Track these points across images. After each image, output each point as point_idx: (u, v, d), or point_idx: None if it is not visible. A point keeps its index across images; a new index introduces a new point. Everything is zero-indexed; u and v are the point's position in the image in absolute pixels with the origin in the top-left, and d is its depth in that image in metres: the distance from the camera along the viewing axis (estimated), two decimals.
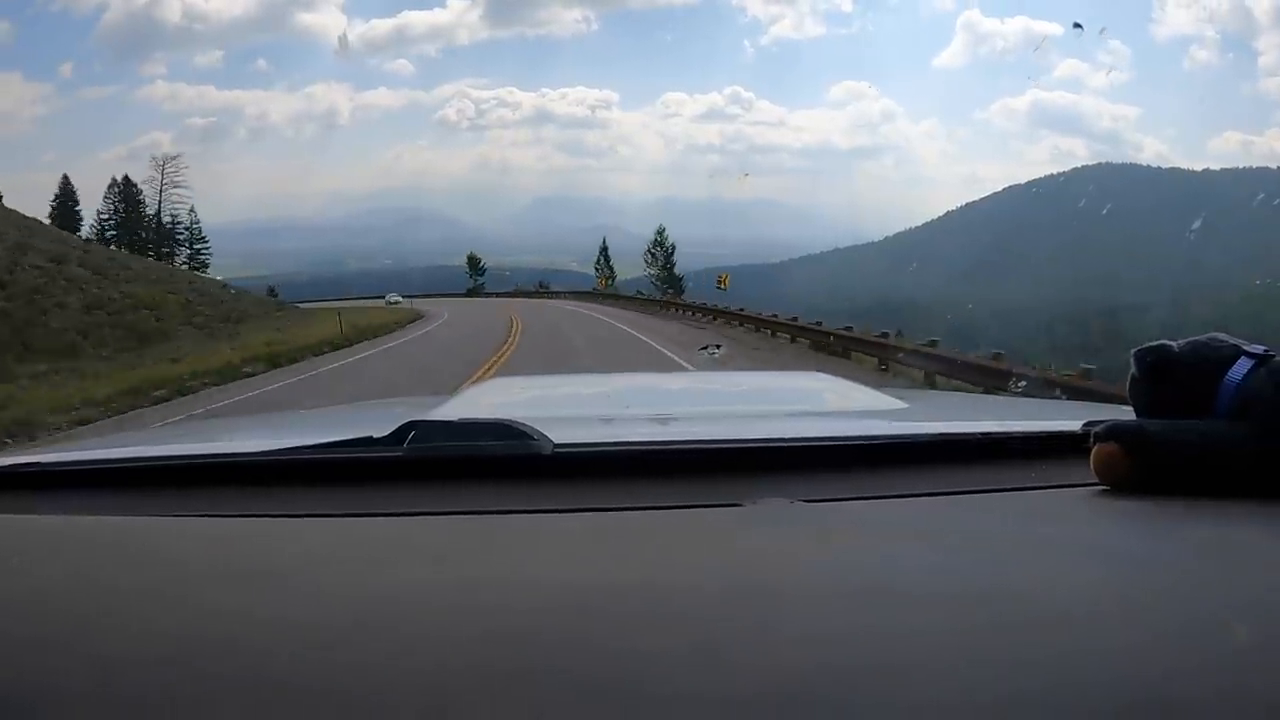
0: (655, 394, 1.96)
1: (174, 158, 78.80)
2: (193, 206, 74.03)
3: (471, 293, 76.38)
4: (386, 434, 0.96)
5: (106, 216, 66.22)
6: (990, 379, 10.14)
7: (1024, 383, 9.92)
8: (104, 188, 67.71)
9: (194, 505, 0.89)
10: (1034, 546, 0.71)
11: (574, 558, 0.68)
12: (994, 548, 0.71)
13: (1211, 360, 0.83)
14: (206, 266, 67.87)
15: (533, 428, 0.95)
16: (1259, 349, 0.83)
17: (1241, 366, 0.82)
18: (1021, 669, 0.46)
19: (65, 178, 70.24)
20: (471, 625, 0.53)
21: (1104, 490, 0.83)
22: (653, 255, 54.95)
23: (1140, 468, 0.81)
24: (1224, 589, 0.59)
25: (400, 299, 43.96)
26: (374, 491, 0.92)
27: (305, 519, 0.83)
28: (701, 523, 0.79)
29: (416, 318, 36.60)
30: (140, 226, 66.57)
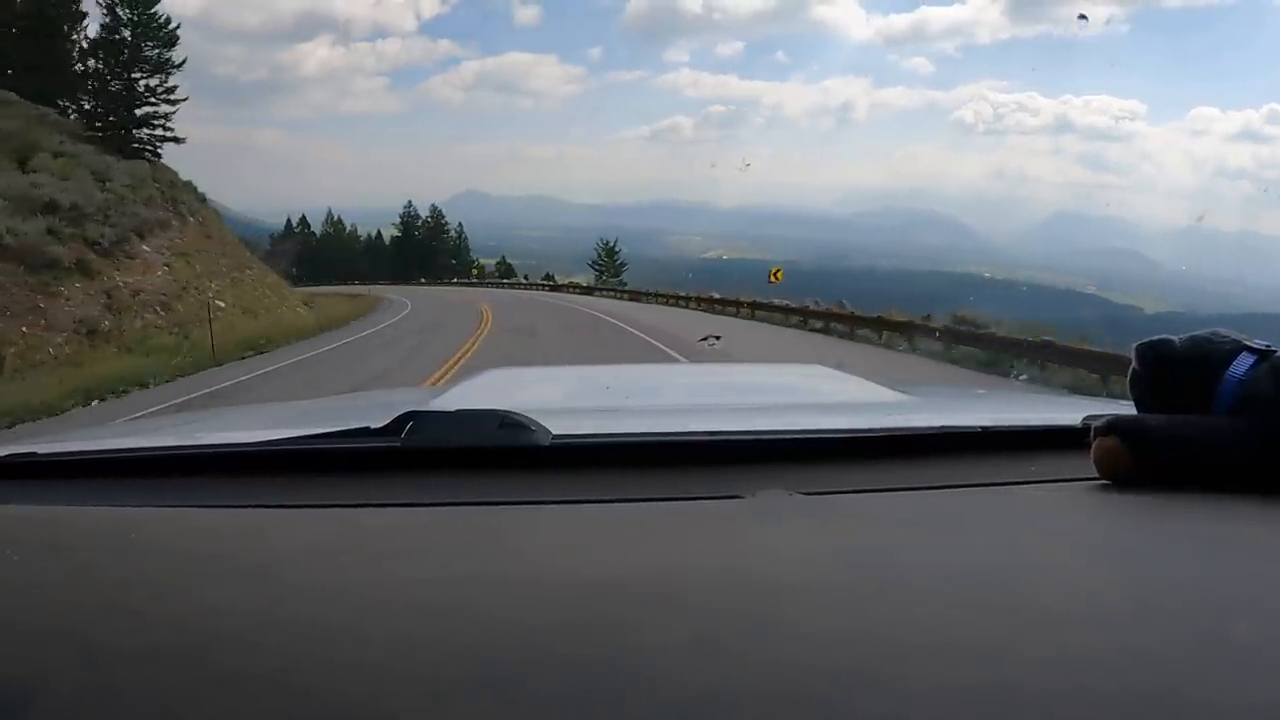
0: (655, 386, 1.96)
1: None
2: None
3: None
4: (384, 424, 0.96)
5: None
6: None
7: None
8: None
9: (189, 496, 0.88)
10: (1033, 540, 0.71)
11: (573, 549, 0.68)
12: (993, 541, 0.71)
13: (1213, 355, 0.83)
14: (145, 144, 27.09)
15: (531, 419, 0.95)
16: (1261, 344, 0.83)
17: (1243, 362, 0.81)
18: (1020, 662, 0.47)
19: None
20: (469, 616, 0.53)
21: (1104, 485, 0.83)
22: None
23: (1140, 462, 0.81)
24: (1224, 584, 0.59)
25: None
26: (371, 482, 0.92)
27: (302, 510, 0.83)
28: (701, 514, 0.79)
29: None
30: None
